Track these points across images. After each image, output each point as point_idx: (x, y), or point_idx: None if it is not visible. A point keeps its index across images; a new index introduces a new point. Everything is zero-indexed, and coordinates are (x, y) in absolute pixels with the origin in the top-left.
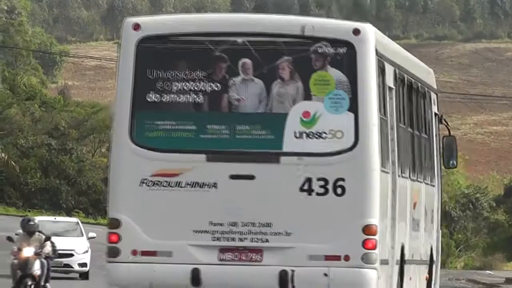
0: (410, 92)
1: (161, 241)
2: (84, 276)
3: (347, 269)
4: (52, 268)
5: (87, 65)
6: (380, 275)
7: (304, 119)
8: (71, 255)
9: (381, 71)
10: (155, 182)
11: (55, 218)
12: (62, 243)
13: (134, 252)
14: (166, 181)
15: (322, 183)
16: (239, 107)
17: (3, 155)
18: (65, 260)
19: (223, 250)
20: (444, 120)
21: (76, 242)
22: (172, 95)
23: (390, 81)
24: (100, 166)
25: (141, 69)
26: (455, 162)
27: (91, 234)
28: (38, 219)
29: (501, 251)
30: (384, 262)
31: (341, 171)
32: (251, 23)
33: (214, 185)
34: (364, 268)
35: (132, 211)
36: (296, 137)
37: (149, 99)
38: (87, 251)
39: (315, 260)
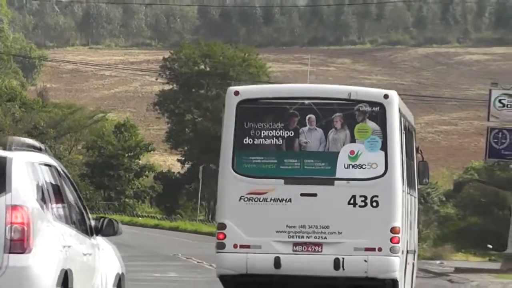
0: (407, 133)
1: (253, 238)
2: None
3: (380, 257)
4: None
5: (64, 68)
6: (401, 261)
7: (351, 155)
8: None
9: (400, 122)
10: (249, 198)
11: None
12: None
13: (235, 246)
14: (257, 198)
15: (362, 198)
16: (306, 147)
17: None
18: None
19: (295, 244)
20: (420, 150)
21: None
22: (261, 139)
23: (402, 128)
24: (76, 163)
25: (239, 122)
26: (427, 180)
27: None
28: None
29: (451, 243)
30: (402, 252)
31: (375, 190)
32: (313, 90)
33: (289, 200)
34: (391, 256)
35: (234, 218)
36: (345, 167)
37: (245, 142)
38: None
39: (358, 251)
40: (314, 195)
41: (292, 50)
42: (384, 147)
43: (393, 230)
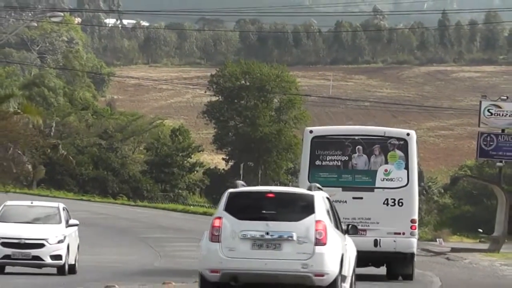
0: (417, 153)
1: None
2: (61, 270)
3: (404, 238)
4: (19, 261)
5: (128, 83)
6: (416, 241)
7: (385, 172)
8: (42, 245)
9: (416, 150)
10: None
11: (31, 203)
12: (32, 232)
13: None
14: None
15: (393, 200)
16: (356, 167)
17: (63, 152)
18: (33, 252)
19: None
20: (419, 163)
21: (50, 230)
22: (326, 162)
23: (416, 154)
24: (138, 161)
25: (312, 150)
26: (423, 184)
27: (73, 221)
28: (12, 203)
29: (448, 227)
30: (417, 234)
31: (401, 195)
32: (361, 130)
33: (345, 201)
34: (411, 238)
35: None
36: (381, 180)
37: (316, 163)
38: (62, 241)
39: (390, 234)
40: (361, 198)
41: (316, 68)
42: (406, 167)
43: (412, 221)
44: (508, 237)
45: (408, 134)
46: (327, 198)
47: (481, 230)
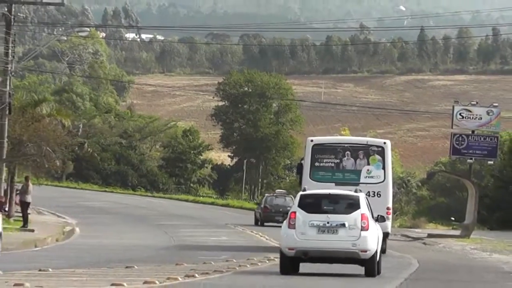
0: (392, 157)
1: None
2: None
3: (381, 221)
4: None
5: (146, 89)
6: (390, 223)
7: (367, 171)
8: None
9: (390, 155)
10: None
11: None
12: None
13: None
14: None
15: (373, 193)
16: (345, 167)
17: (89, 149)
18: None
19: None
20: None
21: None
22: (323, 163)
23: (391, 156)
24: (154, 158)
25: (313, 155)
26: None
27: None
28: None
29: (424, 216)
30: (391, 218)
31: (379, 189)
32: (349, 139)
33: None
34: (386, 221)
35: None
36: (364, 177)
37: (315, 165)
38: None
39: None
40: (350, 191)
41: (310, 77)
42: (383, 168)
43: (388, 208)
44: (477, 224)
45: (384, 143)
46: (366, 197)
47: (453, 219)
